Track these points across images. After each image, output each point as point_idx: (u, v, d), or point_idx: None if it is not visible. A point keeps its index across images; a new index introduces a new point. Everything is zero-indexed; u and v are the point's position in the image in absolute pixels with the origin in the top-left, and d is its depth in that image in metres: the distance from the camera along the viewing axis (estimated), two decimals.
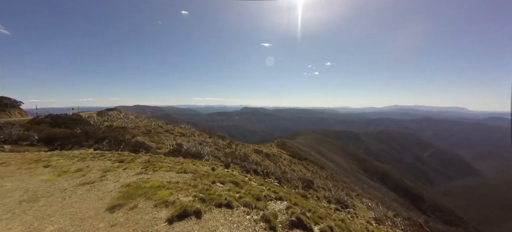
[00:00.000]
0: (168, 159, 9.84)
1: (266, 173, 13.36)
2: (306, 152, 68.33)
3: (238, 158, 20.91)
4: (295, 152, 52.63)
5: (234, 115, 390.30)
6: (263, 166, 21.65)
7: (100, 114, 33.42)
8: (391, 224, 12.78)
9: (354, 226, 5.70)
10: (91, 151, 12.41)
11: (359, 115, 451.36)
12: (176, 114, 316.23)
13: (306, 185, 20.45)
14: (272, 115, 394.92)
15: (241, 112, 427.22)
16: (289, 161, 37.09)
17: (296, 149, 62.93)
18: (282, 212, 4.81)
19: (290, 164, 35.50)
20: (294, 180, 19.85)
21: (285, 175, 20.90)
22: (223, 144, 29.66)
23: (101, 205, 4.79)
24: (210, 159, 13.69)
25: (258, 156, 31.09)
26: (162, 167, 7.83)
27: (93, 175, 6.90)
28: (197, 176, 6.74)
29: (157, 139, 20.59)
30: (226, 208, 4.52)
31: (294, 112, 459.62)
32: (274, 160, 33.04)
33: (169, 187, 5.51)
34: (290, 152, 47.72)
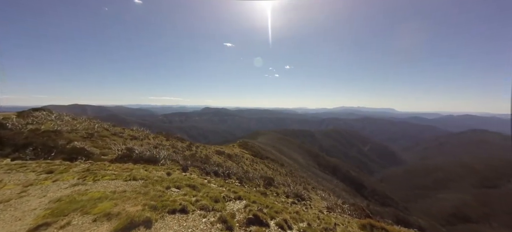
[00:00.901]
0: (114, 166, 8.72)
1: (227, 174, 13.27)
2: (267, 151, 70.67)
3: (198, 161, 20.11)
4: (257, 151, 53.83)
5: (194, 115, 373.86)
6: (225, 167, 21.40)
7: (22, 116, 27.08)
8: (340, 211, 14.42)
9: (307, 216, 6.22)
10: (7, 162, 9.94)
11: (314, 115, 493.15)
12: (126, 115, 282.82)
13: (267, 182, 21.18)
14: (234, 116, 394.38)
15: (202, 112, 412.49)
16: (251, 161, 37.70)
17: (258, 148, 64.42)
18: (240, 211, 4.86)
19: (252, 163, 36.13)
20: (256, 178, 20.31)
21: (247, 174, 21.15)
22: (182, 146, 28.05)
23: (20, 227, 3.89)
24: (166, 163, 12.75)
25: (220, 157, 30.58)
26: (106, 175, 6.88)
27: (8, 192, 5.54)
28: (149, 183, 6.18)
29: (102, 144, 17.97)
30: (180, 213, 4.28)
31: (255, 113, 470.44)
32: (237, 161, 33.07)
33: (113, 197, 4.88)
34: (252, 152, 48.56)
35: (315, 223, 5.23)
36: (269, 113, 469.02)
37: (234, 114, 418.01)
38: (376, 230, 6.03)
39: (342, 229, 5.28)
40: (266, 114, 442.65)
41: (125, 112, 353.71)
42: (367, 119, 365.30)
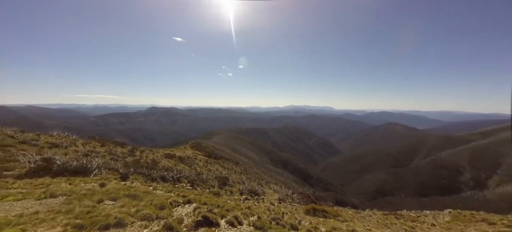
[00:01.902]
0: (22, 183, 6.87)
1: (178, 178, 12.40)
2: (221, 151, 69.73)
3: (143, 167, 18.03)
4: (211, 152, 52.42)
5: (138, 116, 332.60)
6: (176, 171, 19.94)
7: None
8: (290, 200, 15.62)
9: (258, 210, 6.48)
10: None
11: (266, 114, 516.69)
12: (42, 117, 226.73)
13: (222, 182, 20.95)
14: (185, 115, 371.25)
15: (148, 112, 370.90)
16: (205, 162, 36.40)
17: (212, 148, 62.80)
18: (189, 215, 4.62)
19: (206, 164, 34.94)
20: (210, 180, 19.80)
21: (200, 176, 20.34)
22: (123, 152, 24.52)
23: None
24: (102, 173, 10.88)
25: (170, 161, 28.29)
26: (9, 196, 5.34)
27: None
28: (74, 198, 5.13)
29: (4, 156, 13.82)
30: (116, 228, 3.73)
31: (209, 112, 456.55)
32: (189, 163, 31.31)
33: (19, 222, 3.83)
34: (206, 153, 46.97)
35: (265, 215, 5.51)
36: (223, 112, 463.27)
37: (185, 114, 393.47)
38: (318, 212, 6.85)
39: (289, 216, 5.75)
40: (220, 113, 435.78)
41: (40, 113, 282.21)
42: (311, 116, 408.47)
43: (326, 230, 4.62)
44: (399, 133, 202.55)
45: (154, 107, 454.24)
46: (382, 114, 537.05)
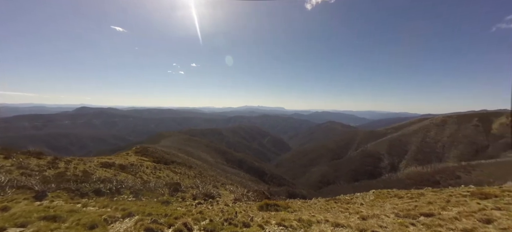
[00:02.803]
0: None
1: (117, 190, 10.79)
2: (172, 155, 64.69)
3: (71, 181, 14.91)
4: (160, 156, 47.97)
5: (62, 118, 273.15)
6: (116, 181, 17.35)
7: None
8: (246, 199, 15.84)
9: (211, 213, 6.33)
10: None
11: (221, 114, 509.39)
12: None
13: (173, 189, 19.47)
14: (127, 117, 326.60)
15: (77, 114, 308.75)
16: (153, 168, 32.95)
17: (161, 153, 57.57)
18: (129, 230, 4.10)
19: (154, 171, 31.69)
20: (159, 187, 18.12)
21: (147, 185, 18.36)
22: (40, 164, 19.65)
23: None
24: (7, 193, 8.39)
25: (108, 170, 24.36)
26: None
27: None
28: None
29: None
30: None
31: (157, 113, 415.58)
32: (133, 171, 27.71)
33: None
34: (154, 158, 42.60)
35: (218, 217, 5.43)
36: (174, 113, 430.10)
37: (127, 115, 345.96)
38: (270, 207, 7.23)
39: (243, 215, 5.85)
40: (170, 114, 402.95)
41: None
42: (265, 116, 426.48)
43: (276, 221, 4.92)
44: (337, 130, 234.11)
45: (84, 107, 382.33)
46: (324, 113, 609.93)
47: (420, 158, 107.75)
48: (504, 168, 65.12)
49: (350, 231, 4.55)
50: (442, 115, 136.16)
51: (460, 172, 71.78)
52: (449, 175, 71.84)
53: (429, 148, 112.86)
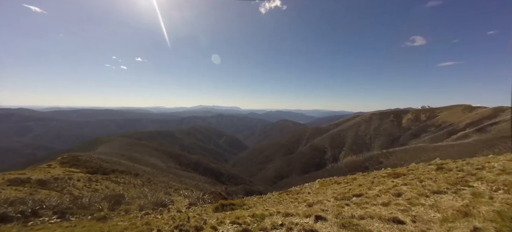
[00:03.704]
0: None
1: (34, 212, 8.72)
2: (113, 163, 56.31)
3: None
4: (97, 166, 41.09)
5: None
6: (32, 202, 13.95)
7: None
8: (202, 202, 15.34)
9: (160, 222, 5.94)
10: None
11: (173, 114, 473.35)
12: None
13: (115, 202, 17.10)
14: (48, 120, 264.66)
15: None
16: (87, 181, 27.89)
17: (98, 162, 49.42)
18: None
19: (89, 183, 26.90)
20: (96, 202, 15.56)
21: (78, 201, 15.50)
22: None
23: None
24: None
25: (20, 189, 19.33)
26: None
27: None
28: None
29: None
30: None
31: (91, 114, 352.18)
32: (59, 187, 22.81)
33: None
34: (88, 168, 36.10)
35: (167, 226, 5.16)
36: (114, 114, 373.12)
37: (47, 117, 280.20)
38: (226, 207, 7.30)
39: (196, 219, 5.74)
40: (109, 116, 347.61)
41: None
42: (220, 116, 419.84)
43: (230, 220, 5.05)
44: (289, 128, 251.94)
45: None
46: (277, 112, 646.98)
47: (355, 148, 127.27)
48: (410, 153, 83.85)
49: (298, 218, 5.10)
50: (369, 113, 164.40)
51: (382, 158, 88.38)
52: (375, 161, 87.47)
53: (361, 140, 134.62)
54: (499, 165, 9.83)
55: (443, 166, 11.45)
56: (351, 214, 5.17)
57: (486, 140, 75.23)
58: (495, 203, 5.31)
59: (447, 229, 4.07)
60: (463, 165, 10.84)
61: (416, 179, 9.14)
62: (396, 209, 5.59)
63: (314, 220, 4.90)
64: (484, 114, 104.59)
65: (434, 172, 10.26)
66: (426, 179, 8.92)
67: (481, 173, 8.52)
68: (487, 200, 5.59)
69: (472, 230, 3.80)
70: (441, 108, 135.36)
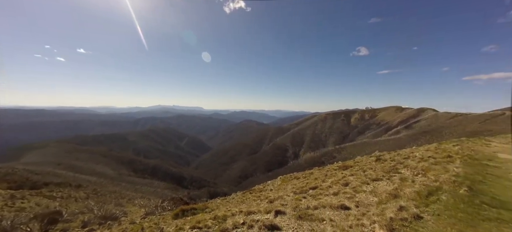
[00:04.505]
0: None
1: None
2: (46, 174, 47.19)
3: None
4: (23, 179, 33.89)
5: None
6: None
7: None
8: (160, 211, 14.25)
9: None
10: None
11: (125, 115, 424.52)
12: None
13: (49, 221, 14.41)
14: None
15: None
16: (9, 198, 22.59)
17: (24, 174, 40.84)
18: None
19: (12, 202, 21.86)
20: (23, 224, 12.81)
21: None
22: None
23: None
24: None
25: None
26: None
27: None
28: None
29: None
30: None
31: (14, 116, 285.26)
32: None
33: None
34: (10, 183, 29.31)
35: None
36: (47, 115, 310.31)
37: None
38: (187, 212, 7.00)
39: (151, 230, 5.35)
40: (41, 117, 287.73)
41: None
42: (181, 117, 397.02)
43: (191, 225, 4.89)
44: (252, 128, 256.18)
45: None
46: (241, 113, 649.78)
47: (313, 145, 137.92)
48: (357, 147, 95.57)
49: (259, 215, 5.30)
50: (325, 113, 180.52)
51: (335, 153, 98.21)
52: (329, 156, 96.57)
53: (318, 138, 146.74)
54: (419, 154, 12.16)
55: (380, 157, 13.50)
56: (307, 206, 5.65)
57: (412, 135, 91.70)
58: (415, 185, 6.57)
59: (381, 210, 4.85)
60: (395, 156, 13.01)
61: (360, 170, 10.53)
62: (344, 197, 6.35)
63: (274, 215, 5.17)
64: (410, 114, 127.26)
65: (374, 163, 12.00)
66: (368, 169, 10.37)
67: (407, 162, 10.41)
68: (410, 183, 6.88)
69: (398, 209, 4.64)
70: (380, 109, 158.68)
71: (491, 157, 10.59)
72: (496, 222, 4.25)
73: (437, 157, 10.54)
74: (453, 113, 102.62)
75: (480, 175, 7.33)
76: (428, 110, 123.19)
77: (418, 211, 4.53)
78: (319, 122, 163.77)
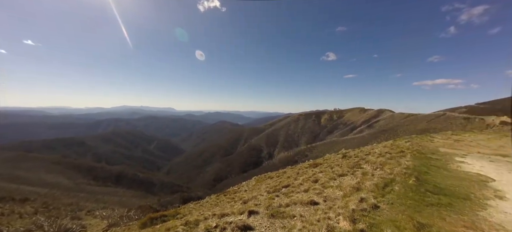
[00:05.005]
0: None
1: None
2: None
3: None
4: None
5: None
6: None
7: None
8: (126, 221, 13.15)
9: None
10: None
11: (83, 117, 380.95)
12: None
13: None
14: None
15: None
16: None
17: None
18: None
19: None
20: None
21: None
22: None
23: None
24: None
25: None
26: None
27: None
28: None
29: None
30: None
31: None
32: None
33: None
34: None
35: None
36: None
37: None
38: (156, 220, 6.60)
39: None
40: None
41: None
42: (151, 118, 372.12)
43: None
44: (227, 129, 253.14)
45: None
46: (216, 114, 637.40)
47: (286, 145, 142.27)
48: (327, 146, 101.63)
49: (233, 217, 5.29)
50: (297, 114, 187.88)
51: (307, 152, 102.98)
52: (302, 155, 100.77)
53: (291, 138, 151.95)
54: (378, 151, 13.51)
55: (346, 154, 14.62)
56: (279, 204, 5.84)
57: (373, 133, 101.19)
58: (374, 178, 7.30)
59: (345, 202, 5.28)
60: (358, 153, 14.23)
61: (328, 167, 11.26)
62: (313, 193, 6.72)
63: (248, 215, 5.22)
64: (372, 115, 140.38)
65: (341, 160, 12.95)
66: (335, 166, 11.15)
67: (368, 158, 11.47)
68: (370, 177, 7.61)
69: (359, 200, 5.11)
70: (346, 110, 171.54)
71: (434, 151, 12.33)
72: (437, 206, 4.97)
73: (392, 153, 11.85)
74: (406, 113, 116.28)
75: (425, 167, 8.48)
76: (386, 111, 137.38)
77: (375, 201, 5.05)
78: (292, 123, 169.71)
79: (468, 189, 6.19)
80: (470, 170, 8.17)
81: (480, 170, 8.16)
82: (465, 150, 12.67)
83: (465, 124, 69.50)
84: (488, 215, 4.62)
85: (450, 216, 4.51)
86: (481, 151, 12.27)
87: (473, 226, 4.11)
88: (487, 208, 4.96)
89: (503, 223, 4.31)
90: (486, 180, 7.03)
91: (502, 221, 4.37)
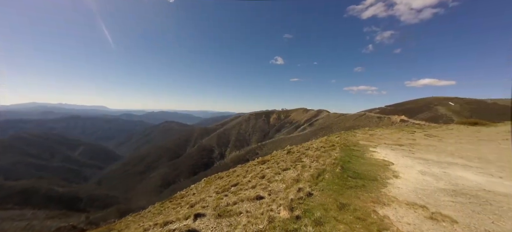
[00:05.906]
0: None
1: None
2: None
3: None
4: None
5: None
6: None
7: None
8: None
9: None
10: None
11: None
12: None
13: None
14: None
15: None
16: None
17: None
18: None
19: None
20: None
21: None
22: None
23: None
24: None
25: None
26: None
27: None
28: None
29: None
30: None
31: None
32: None
33: None
34: None
35: None
36: None
37: None
38: None
39: None
40: None
41: None
42: (74, 118, 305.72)
43: None
44: (174, 129, 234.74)
45: None
46: (160, 113, 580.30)
47: (238, 144, 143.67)
48: (275, 144, 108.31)
49: (177, 223, 5.03)
50: (249, 113, 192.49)
51: (258, 150, 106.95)
52: (253, 153, 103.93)
53: (242, 137, 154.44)
54: (315, 146, 15.40)
55: (290, 150, 16.03)
56: (227, 203, 5.92)
57: (313, 130, 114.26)
58: (311, 170, 8.31)
59: (286, 194, 5.84)
60: (300, 149, 15.83)
61: (275, 163, 12.09)
62: (260, 189, 7.12)
63: (193, 219, 5.07)
64: (312, 114, 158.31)
65: (285, 155, 14.11)
66: (281, 161, 12.07)
67: (308, 152, 12.94)
68: (308, 169, 8.62)
69: (297, 190, 5.75)
70: (292, 110, 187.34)
71: (356, 144, 15.00)
72: (354, 188, 6.12)
73: (326, 147, 13.76)
74: (339, 113, 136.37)
75: (348, 157, 10.24)
76: (324, 111, 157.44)
77: (310, 189, 5.79)
78: (243, 122, 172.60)
79: (376, 172, 7.87)
80: (378, 157, 10.39)
81: (384, 157, 10.46)
82: (376, 142, 15.97)
83: (378, 121, 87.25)
84: (388, 191, 6.02)
85: (363, 195, 5.64)
86: (386, 142, 15.74)
87: (377, 200, 5.28)
88: (387, 186, 6.45)
89: (396, 196, 5.71)
90: (388, 164, 9.11)
91: (396, 194, 5.78)
